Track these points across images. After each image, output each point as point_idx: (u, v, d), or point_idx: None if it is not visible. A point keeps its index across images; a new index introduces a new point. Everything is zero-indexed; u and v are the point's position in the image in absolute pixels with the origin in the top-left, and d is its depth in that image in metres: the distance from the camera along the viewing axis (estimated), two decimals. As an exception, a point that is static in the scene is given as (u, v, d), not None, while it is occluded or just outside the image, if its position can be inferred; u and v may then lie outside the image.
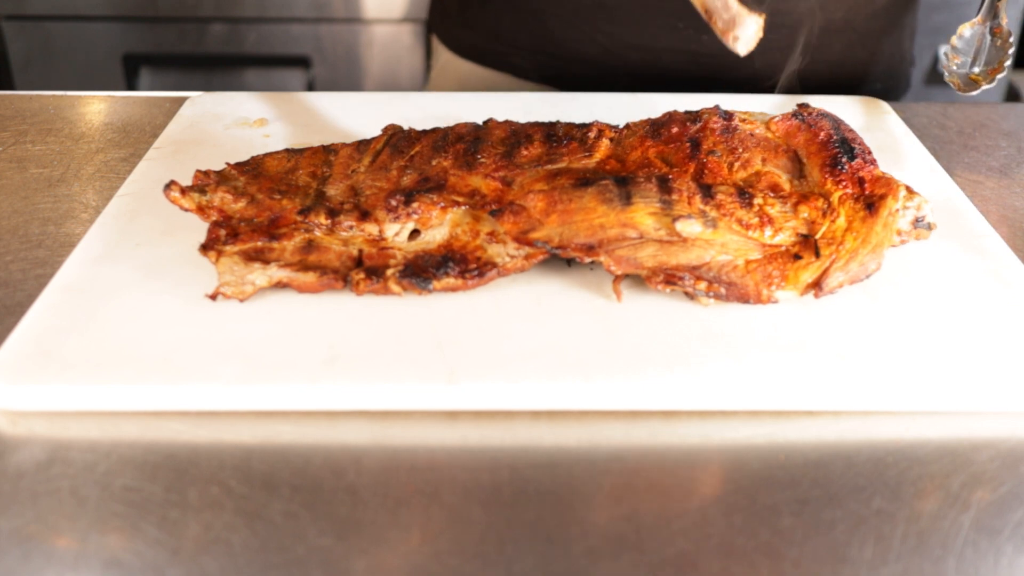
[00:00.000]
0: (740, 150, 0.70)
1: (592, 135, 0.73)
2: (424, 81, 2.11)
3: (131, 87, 2.10)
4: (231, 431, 0.55)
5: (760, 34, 0.68)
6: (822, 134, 0.71)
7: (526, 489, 0.52)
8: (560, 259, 0.66)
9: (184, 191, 0.67)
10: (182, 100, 0.93)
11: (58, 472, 0.52)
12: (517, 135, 0.73)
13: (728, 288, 0.62)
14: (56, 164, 0.84)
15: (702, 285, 0.62)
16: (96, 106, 0.96)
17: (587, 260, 0.63)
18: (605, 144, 0.72)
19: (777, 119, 0.73)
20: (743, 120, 0.73)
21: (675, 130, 0.72)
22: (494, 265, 0.64)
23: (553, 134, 0.73)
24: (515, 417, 0.56)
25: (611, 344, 0.59)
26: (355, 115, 0.88)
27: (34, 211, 0.76)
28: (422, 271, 0.63)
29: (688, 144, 0.70)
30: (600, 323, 0.61)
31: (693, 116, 0.73)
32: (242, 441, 0.55)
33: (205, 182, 0.69)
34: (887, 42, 1.08)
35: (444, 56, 1.19)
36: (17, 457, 0.53)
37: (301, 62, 2.08)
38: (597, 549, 0.48)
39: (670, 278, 0.62)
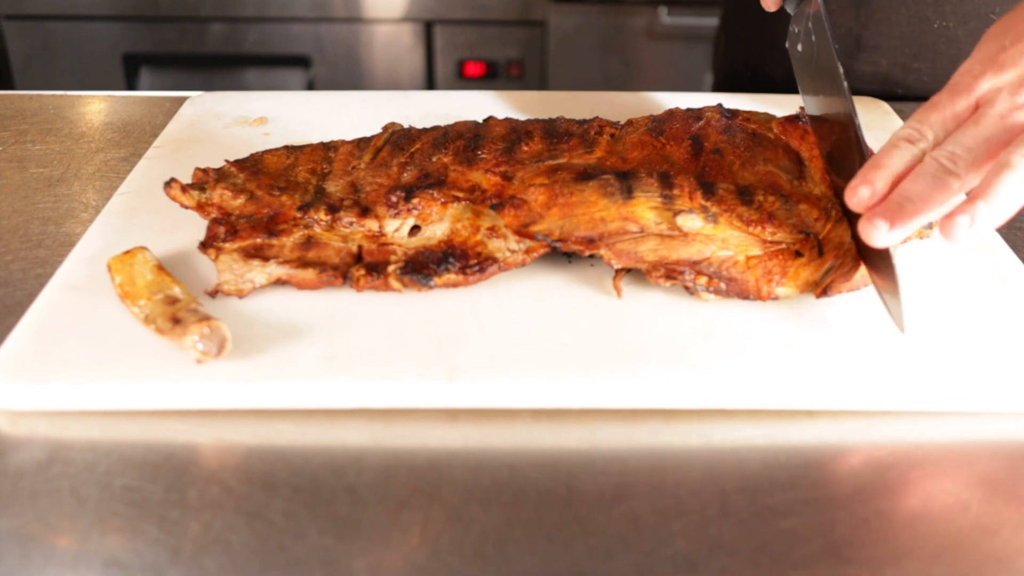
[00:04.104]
0: (742, 149, 0.70)
1: (593, 131, 0.73)
2: (424, 81, 2.11)
3: (131, 87, 2.10)
4: (231, 431, 0.55)
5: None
6: (823, 133, 0.70)
7: (526, 489, 0.51)
8: (560, 255, 0.66)
9: (184, 188, 0.67)
10: (182, 100, 0.93)
11: (58, 472, 0.52)
12: (517, 132, 0.73)
13: (728, 284, 0.62)
14: (56, 164, 0.84)
15: (702, 280, 0.62)
16: (96, 106, 0.96)
17: (587, 254, 0.63)
18: (606, 140, 0.72)
19: (780, 120, 0.73)
20: (746, 120, 0.73)
21: (677, 127, 0.72)
22: (495, 260, 0.64)
23: (553, 131, 0.73)
24: (515, 417, 0.56)
25: (611, 341, 0.59)
26: (355, 114, 0.88)
27: (34, 211, 0.76)
28: (423, 267, 0.63)
29: (690, 141, 0.70)
30: (600, 320, 0.61)
31: (695, 113, 0.73)
32: (242, 441, 0.54)
33: (204, 179, 0.69)
34: None
35: None
36: (17, 457, 0.53)
37: (301, 62, 2.08)
38: (597, 549, 0.48)
39: (671, 272, 0.62)
